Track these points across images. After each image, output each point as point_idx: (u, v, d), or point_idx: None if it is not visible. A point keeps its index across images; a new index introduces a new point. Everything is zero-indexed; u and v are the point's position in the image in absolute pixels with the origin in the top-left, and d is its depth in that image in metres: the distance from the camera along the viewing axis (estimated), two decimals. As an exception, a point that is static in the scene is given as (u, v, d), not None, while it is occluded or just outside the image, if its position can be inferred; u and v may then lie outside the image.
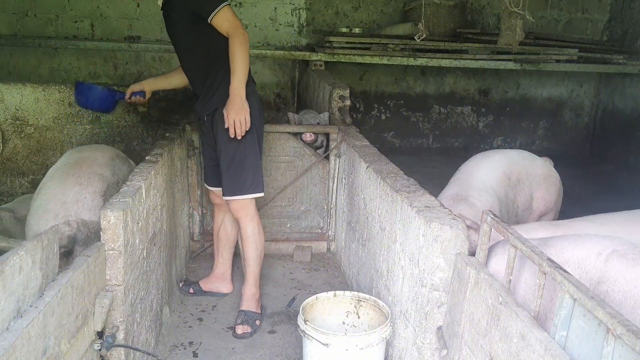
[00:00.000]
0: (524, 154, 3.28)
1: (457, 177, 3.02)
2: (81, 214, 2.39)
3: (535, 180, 3.12)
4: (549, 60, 5.89)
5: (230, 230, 3.13)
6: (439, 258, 1.93)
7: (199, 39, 2.73)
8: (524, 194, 3.06)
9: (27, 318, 1.39)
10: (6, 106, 3.59)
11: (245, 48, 2.60)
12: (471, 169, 3.04)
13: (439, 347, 1.93)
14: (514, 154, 3.25)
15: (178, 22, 2.76)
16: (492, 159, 3.09)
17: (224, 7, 2.59)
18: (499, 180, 2.92)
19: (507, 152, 3.31)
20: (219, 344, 2.75)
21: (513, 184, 3.01)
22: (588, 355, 1.33)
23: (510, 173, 3.02)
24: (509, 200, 2.94)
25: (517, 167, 3.09)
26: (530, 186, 3.09)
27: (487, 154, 3.22)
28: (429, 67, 6.36)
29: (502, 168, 3.01)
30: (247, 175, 2.78)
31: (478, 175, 2.91)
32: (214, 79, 2.76)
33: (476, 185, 2.81)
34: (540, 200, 3.13)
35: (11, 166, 3.68)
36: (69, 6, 5.90)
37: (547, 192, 3.19)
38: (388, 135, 6.78)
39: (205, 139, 2.98)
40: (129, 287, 2.07)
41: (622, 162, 6.38)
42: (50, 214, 2.36)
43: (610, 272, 1.69)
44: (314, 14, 6.30)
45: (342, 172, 3.61)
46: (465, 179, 2.93)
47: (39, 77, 5.97)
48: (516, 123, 6.98)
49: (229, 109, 2.61)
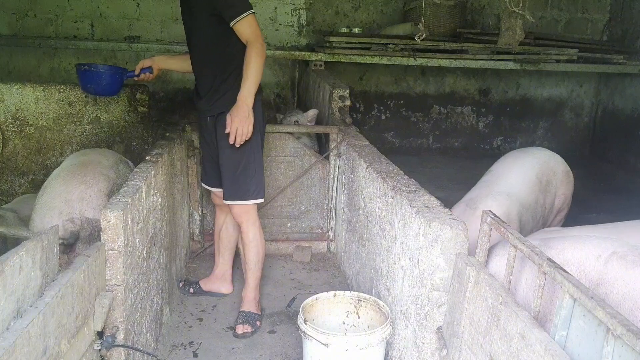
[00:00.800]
0: (547, 152, 3.25)
1: (484, 180, 2.97)
2: (85, 212, 2.41)
3: (559, 178, 3.12)
4: (549, 60, 5.89)
5: (232, 232, 3.13)
6: (439, 258, 1.93)
7: (216, 39, 2.71)
8: (551, 195, 3.06)
9: (27, 318, 1.39)
10: (6, 106, 3.59)
11: (262, 59, 2.60)
12: (501, 171, 2.99)
13: (439, 347, 1.93)
14: (542, 154, 3.20)
15: (199, 17, 2.72)
16: (524, 163, 3.03)
17: (250, 14, 2.59)
18: (531, 186, 2.89)
19: (535, 153, 3.23)
20: (219, 344, 2.75)
21: (544, 187, 3.00)
22: (588, 355, 1.34)
23: (541, 176, 2.99)
24: (538, 205, 2.90)
25: (546, 169, 3.07)
26: (556, 185, 3.09)
27: (518, 156, 3.16)
28: (429, 67, 6.36)
29: (534, 172, 2.97)
30: (251, 181, 2.79)
31: (508, 180, 2.86)
32: (223, 81, 2.74)
33: (495, 191, 2.76)
34: (561, 197, 3.14)
35: (11, 166, 3.68)
36: (69, 6, 5.90)
37: (567, 189, 3.20)
38: (388, 135, 6.78)
39: (207, 139, 2.95)
40: (129, 287, 2.07)
41: (622, 162, 6.38)
42: (54, 211, 2.38)
43: (609, 274, 1.69)
44: (314, 14, 6.30)
45: (342, 172, 3.61)
46: (490, 183, 2.89)
47: (39, 77, 5.96)
48: (516, 123, 6.98)
49: (234, 115, 2.60)
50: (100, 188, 2.53)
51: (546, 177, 3.03)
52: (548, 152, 3.28)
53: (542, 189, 2.97)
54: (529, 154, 3.21)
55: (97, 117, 3.69)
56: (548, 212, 3.04)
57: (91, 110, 3.69)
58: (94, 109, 3.69)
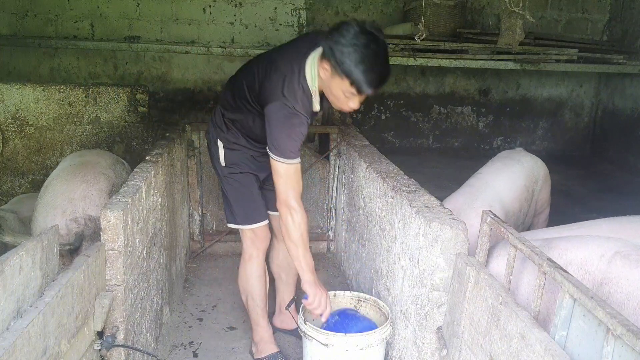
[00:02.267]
0: (531, 158, 3.21)
1: (470, 184, 2.91)
2: (88, 210, 2.42)
3: (539, 183, 3.11)
4: (549, 60, 5.89)
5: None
6: (439, 258, 1.93)
7: None
8: (534, 201, 3.05)
9: (27, 318, 1.39)
10: (6, 106, 3.59)
11: None
12: (489, 178, 2.93)
13: (439, 347, 1.93)
14: (527, 161, 3.14)
15: None
16: (513, 170, 2.99)
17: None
18: (519, 194, 2.87)
19: (522, 160, 3.14)
20: (219, 344, 2.75)
21: (530, 195, 2.99)
22: (588, 355, 1.34)
23: (529, 185, 2.98)
24: (521, 213, 2.90)
25: (532, 176, 3.05)
26: (537, 190, 3.09)
27: (506, 163, 3.09)
28: (429, 67, 6.36)
29: (523, 181, 2.95)
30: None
31: (495, 187, 2.83)
32: None
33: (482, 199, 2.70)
34: (540, 201, 3.13)
35: (11, 166, 3.68)
36: (69, 6, 5.90)
37: (546, 192, 3.19)
38: (388, 135, 6.78)
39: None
40: (129, 287, 2.07)
41: (622, 162, 6.38)
42: (58, 210, 2.39)
43: (613, 274, 1.68)
44: (314, 14, 6.30)
45: (342, 172, 3.61)
46: (478, 188, 2.83)
47: (39, 77, 5.97)
48: (516, 123, 6.98)
49: None
50: (101, 187, 2.54)
51: (532, 185, 3.02)
52: (529, 158, 3.21)
53: (528, 198, 2.97)
54: (516, 161, 3.13)
55: (97, 117, 3.70)
56: (529, 217, 3.05)
57: (91, 110, 3.69)
58: (94, 109, 3.70)
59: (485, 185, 2.84)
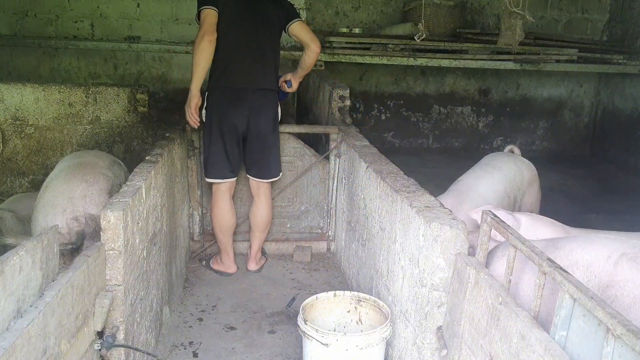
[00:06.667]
0: (514, 164, 3.19)
1: (453, 189, 2.97)
2: (89, 209, 2.42)
3: (523, 188, 3.10)
4: (549, 60, 5.89)
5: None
6: (439, 258, 1.93)
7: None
8: (517, 208, 3.05)
9: (27, 318, 1.39)
10: (6, 106, 3.59)
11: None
12: (471, 183, 2.97)
13: (439, 347, 1.93)
14: (509, 167, 3.14)
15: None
16: (493, 177, 3.01)
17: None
18: (499, 201, 2.89)
19: (502, 166, 3.15)
20: (219, 344, 2.75)
21: (512, 201, 2.99)
22: (588, 355, 1.33)
23: (509, 191, 2.98)
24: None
25: (515, 182, 3.05)
26: (520, 197, 3.08)
27: (487, 170, 3.12)
28: (429, 67, 6.37)
29: (503, 188, 2.96)
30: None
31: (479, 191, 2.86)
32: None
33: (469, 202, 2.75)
34: (525, 205, 3.12)
35: (11, 166, 3.68)
36: (69, 6, 5.91)
37: (532, 196, 3.18)
38: (388, 135, 6.78)
39: None
40: (129, 287, 2.07)
41: (622, 162, 6.38)
42: (58, 208, 2.40)
43: (619, 276, 1.64)
44: (314, 14, 6.30)
45: (342, 172, 3.61)
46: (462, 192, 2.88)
47: (39, 77, 5.97)
48: (516, 123, 6.98)
49: None
50: (101, 186, 2.55)
51: (514, 192, 3.02)
52: (512, 163, 3.19)
53: (510, 204, 2.97)
54: (496, 168, 3.13)
55: (97, 117, 3.70)
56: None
57: (91, 110, 3.69)
58: (94, 109, 3.70)
59: (469, 190, 2.87)
